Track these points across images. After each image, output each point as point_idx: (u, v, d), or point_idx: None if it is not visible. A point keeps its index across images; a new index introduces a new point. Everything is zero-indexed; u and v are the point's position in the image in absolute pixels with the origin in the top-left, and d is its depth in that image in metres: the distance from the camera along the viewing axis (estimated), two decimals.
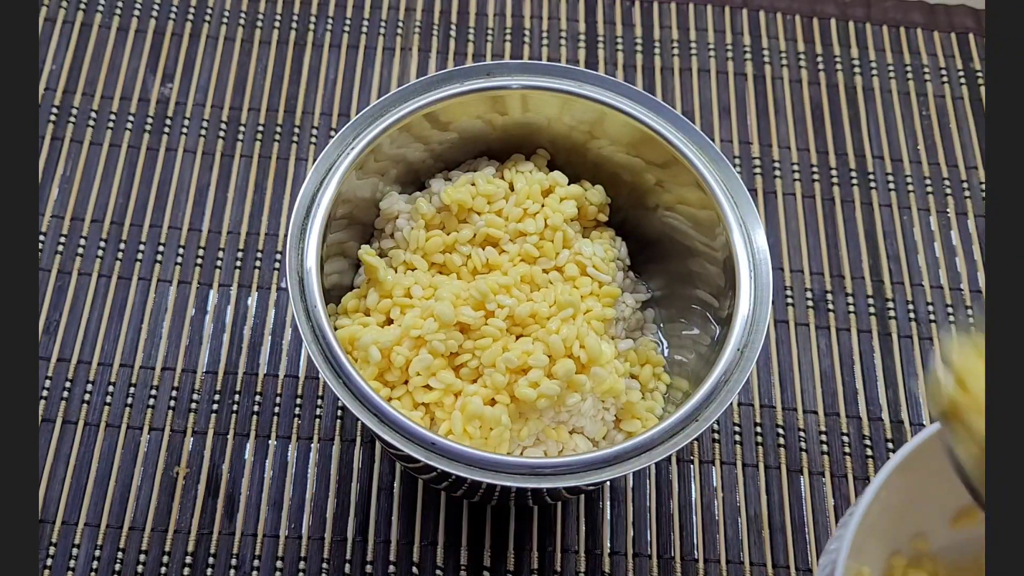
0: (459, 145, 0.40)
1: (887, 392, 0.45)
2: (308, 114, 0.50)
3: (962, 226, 0.49)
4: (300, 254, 0.34)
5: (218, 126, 0.49)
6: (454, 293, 0.35)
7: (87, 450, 0.42)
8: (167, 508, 0.41)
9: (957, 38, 0.55)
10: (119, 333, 0.44)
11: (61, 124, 0.48)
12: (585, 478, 0.32)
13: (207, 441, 0.42)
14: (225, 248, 0.46)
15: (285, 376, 0.44)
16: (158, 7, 0.52)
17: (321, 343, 0.33)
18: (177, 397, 0.43)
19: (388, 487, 0.42)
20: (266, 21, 0.52)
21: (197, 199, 0.47)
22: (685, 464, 0.43)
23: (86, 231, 0.46)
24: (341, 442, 0.43)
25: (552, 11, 0.54)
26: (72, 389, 0.43)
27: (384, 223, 0.39)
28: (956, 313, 0.47)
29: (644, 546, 0.41)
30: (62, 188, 0.47)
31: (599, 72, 0.41)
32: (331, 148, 0.36)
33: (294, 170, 0.49)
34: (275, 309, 0.45)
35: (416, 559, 0.41)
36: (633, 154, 0.39)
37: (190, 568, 0.40)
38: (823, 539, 0.42)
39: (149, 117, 0.49)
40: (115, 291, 0.45)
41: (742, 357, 0.34)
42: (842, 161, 0.51)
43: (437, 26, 0.53)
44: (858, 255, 0.48)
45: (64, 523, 0.40)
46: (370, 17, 0.53)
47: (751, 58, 0.53)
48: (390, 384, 0.35)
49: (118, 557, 0.40)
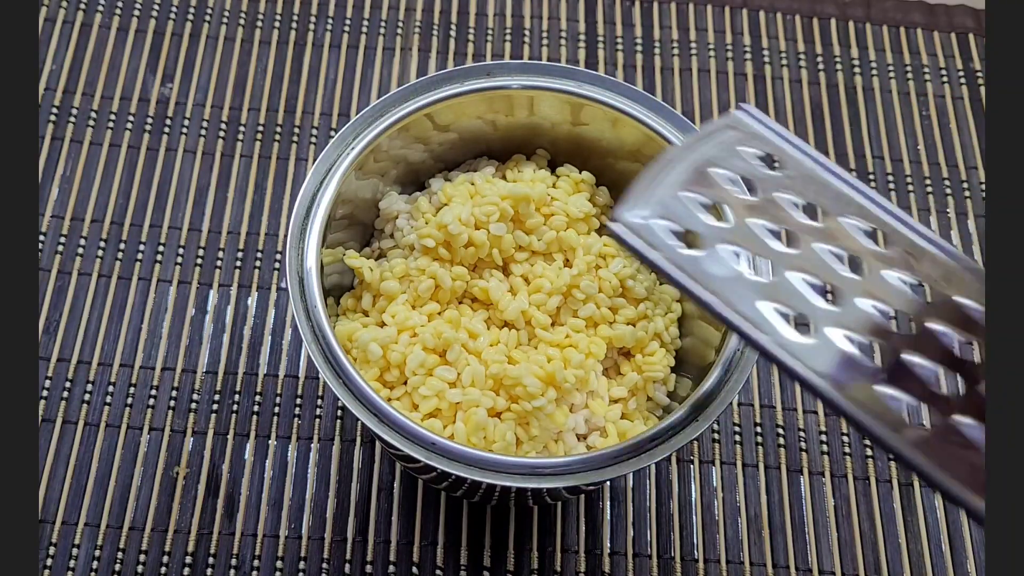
0: (459, 145, 0.40)
1: None
2: (308, 114, 0.50)
3: (962, 226, 0.49)
4: (300, 254, 0.34)
5: (218, 126, 0.49)
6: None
7: (87, 450, 0.42)
8: (167, 508, 0.41)
9: (957, 38, 0.55)
10: (119, 333, 0.44)
11: (61, 124, 0.48)
12: (585, 478, 0.32)
13: (207, 441, 0.42)
14: (225, 248, 0.46)
15: (285, 376, 0.44)
16: (158, 7, 0.52)
17: (321, 343, 0.33)
18: (177, 397, 0.43)
19: (388, 487, 0.42)
20: (266, 21, 0.52)
21: (197, 199, 0.47)
22: (685, 464, 0.43)
23: (86, 231, 0.46)
24: (341, 442, 0.43)
25: (552, 11, 0.54)
26: (72, 389, 0.43)
27: (384, 223, 0.39)
28: None
29: (644, 546, 0.41)
30: (62, 188, 0.47)
31: (599, 72, 0.41)
32: (331, 148, 0.36)
33: (294, 170, 0.49)
34: (275, 309, 0.45)
35: (416, 559, 0.41)
36: (634, 155, 0.39)
37: (190, 568, 0.40)
38: (823, 539, 0.42)
39: (149, 117, 0.49)
40: (115, 291, 0.45)
41: (742, 357, 0.34)
42: (842, 161, 0.51)
43: (437, 26, 0.53)
44: None
45: (64, 523, 0.40)
46: (370, 17, 0.53)
47: (751, 58, 0.53)
48: (390, 384, 0.35)
49: (118, 557, 0.40)
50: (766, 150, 0.28)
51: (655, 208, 0.26)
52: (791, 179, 0.27)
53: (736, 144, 0.28)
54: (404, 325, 0.35)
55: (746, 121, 0.28)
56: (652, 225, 0.26)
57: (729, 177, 0.27)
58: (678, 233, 0.26)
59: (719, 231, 0.26)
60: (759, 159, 0.28)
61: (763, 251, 0.26)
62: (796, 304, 0.25)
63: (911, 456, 0.23)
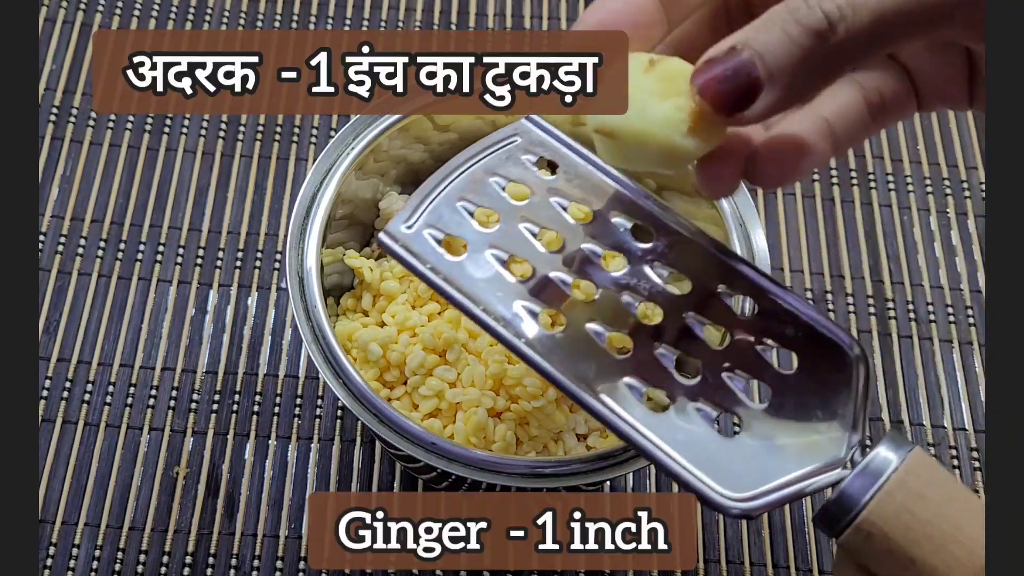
0: (459, 145, 0.40)
1: (887, 392, 0.45)
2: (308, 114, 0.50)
3: (962, 226, 0.49)
4: (300, 254, 0.34)
5: (218, 126, 0.49)
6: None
7: (87, 450, 0.42)
8: (167, 508, 0.41)
9: None
10: (119, 333, 0.44)
11: (61, 124, 0.48)
12: (585, 478, 0.32)
13: (207, 441, 0.42)
14: (225, 248, 0.46)
15: (285, 376, 0.44)
16: (158, 7, 0.52)
17: (321, 343, 0.33)
18: (177, 397, 0.43)
19: (388, 487, 0.42)
20: (266, 21, 0.52)
21: (197, 199, 0.47)
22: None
23: (86, 231, 0.46)
24: (341, 442, 0.43)
25: (552, 11, 0.54)
26: (72, 389, 0.43)
27: (384, 223, 0.39)
28: (956, 313, 0.47)
29: None
30: (62, 188, 0.47)
31: None
32: (331, 148, 0.36)
33: (294, 170, 0.49)
34: (275, 309, 0.45)
35: None
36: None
37: (190, 568, 0.40)
38: (823, 539, 0.42)
39: (149, 117, 0.49)
40: (115, 291, 0.45)
41: None
42: (842, 161, 0.51)
43: (437, 26, 0.53)
44: (858, 255, 0.48)
45: (64, 523, 0.40)
46: (370, 17, 0.53)
47: None
48: (390, 384, 0.35)
49: (118, 557, 0.40)
50: (547, 156, 0.30)
51: (427, 218, 0.28)
52: (568, 183, 0.29)
53: (520, 153, 0.29)
54: (404, 325, 0.35)
55: (530, 129, 0.30)
56: (419, 235, 0.28)
57: (505, 184, 0.29)
58: (447, 240, 0.28)
59: (486, 237, 0.28)
60: (539, 165, 0.29)
61: (529, 254, 0.28)
62: (550, 301, 0.27)
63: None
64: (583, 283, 0.28)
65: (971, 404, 0.45)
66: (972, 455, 0.44)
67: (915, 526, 0.24)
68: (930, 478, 0.24)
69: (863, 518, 0.24)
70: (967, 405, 0.45)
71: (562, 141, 0.30)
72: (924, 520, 0.24)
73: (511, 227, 0.28)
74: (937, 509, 0.24)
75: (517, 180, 0.29)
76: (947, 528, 0.24)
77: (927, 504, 0.24)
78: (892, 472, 0.24)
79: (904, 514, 0.24)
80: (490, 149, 0.30)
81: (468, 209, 0.28)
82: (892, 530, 0.24)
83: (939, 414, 0.45)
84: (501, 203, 0.29)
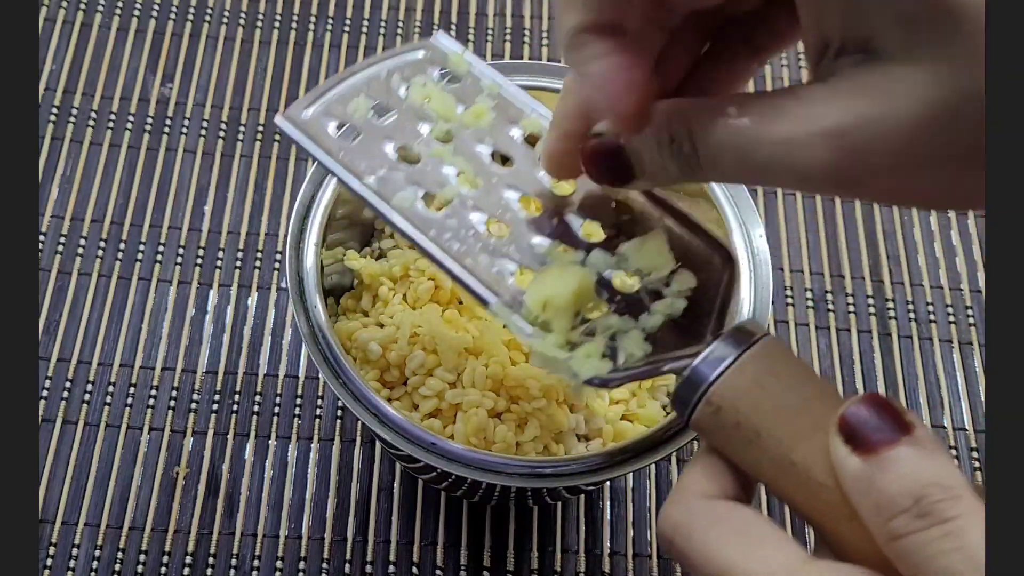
0: None
1: (887, 392, 0.45)
2: None
3: (962, 226, 0.49)
4: (300, 254, 0.34)
5: (218, 126, 0.49)
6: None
7: (87, 450, 0.42)
8: (167, 508, 0.41)
9: None
10: (119, 333, 0.44)
11: (61, 124, 0.48)
12: (585, 478, 0.32)
13: (207, 441, 0.42)
14: (225, 248, 0.46)
15: (285, 376, 0.44)
16: (158, 7, 0.52)
17: (321, 343, 0.33)
18: (177, 397, 0.43)
19: (388, 487, 0.42)
20: (266, 21, 0.52)
21: (197, 199, 0.47)
22: (685, 464, 0.43)
23: (86, 231, 0.46)
24: (341, 442, 0.43)
25: (552, 11, 0.54)
26: (72, 389, 0.43)
27: (384, 223, 0.39)
28: (956, 313, 0.47)
29: (644, 546, 0.41)
30: (62, 188, 0.47)
31: None
32: None
33: (294, 170, 0.49)
34: (275, 309, 0.45)
35: (416, 559, 0.41)
36: None
37: (190, 568, 0.40)
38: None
39: (149, 117, 0.49)
40: (115, 291, 0.45)
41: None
42: None
43: (437, 26, 0.53)
44: (858, 255, 0.48)
45: (64, 523, 0.40)
46: (370, 17, 0.53)
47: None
48: (390, 384, 0.35)
49: (118, 557, 0.40)
50: (452, 70, 0.31)
51: (325, 106, 0.30)
52: (465, 92, 0.31)
53: (426, 64, 0.31)
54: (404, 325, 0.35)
55: (440, 43, 0.32)
56: (316, 121, 0.29)
57: (407, 87, 0.31)
58: (345, 129, 0.30)
59: (381, 129, 0.30)
60: (442, 78, 0.31)
61: (421, 149, 0.30)
62: (431, 185, 0.29)
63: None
64: (469, 171, 0.30)
65: (971, 404, 0.45)
66: (972, 455, 0.44)
67: (763, 400, 0.24)
68: (785, 359, 0.25)
69: (713, 390, 0.24)
70: (967, 405, 0.45)
71: (468, 60, 0.31)
72: (773, 393, 0.24)
73: (407, 122, 0.30)
74: (787, 385, 0.24)
75: (419, 84, 0.31)
76: (795, 402, 0.24)
77: (778, 380, 0.24)
78: (744, 350, 0.24)
79: (754, 388, 0.24)
80: (397, 56, 0.31)
81: (367, 104, 0.30)
82: (741, 404, 0.24)
83: (939, 414, 0.45)
84: (399, 102, 0.30)
